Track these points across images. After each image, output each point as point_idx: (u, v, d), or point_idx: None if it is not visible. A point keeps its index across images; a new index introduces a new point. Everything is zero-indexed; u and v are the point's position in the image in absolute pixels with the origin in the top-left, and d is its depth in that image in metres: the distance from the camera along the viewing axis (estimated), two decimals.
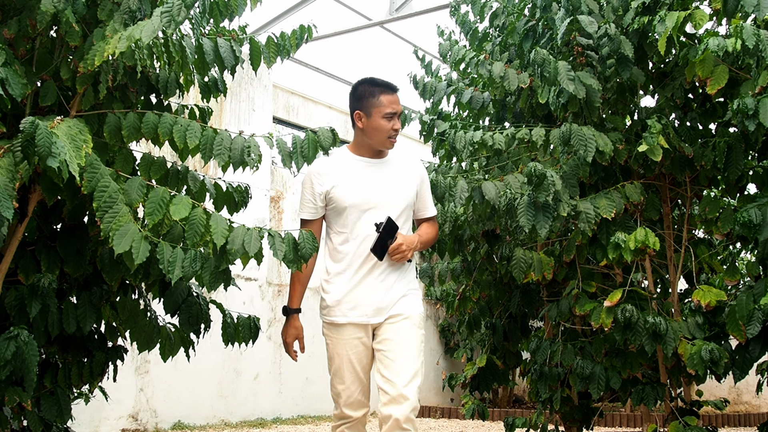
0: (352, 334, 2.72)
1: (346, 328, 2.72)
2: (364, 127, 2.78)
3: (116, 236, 2.36)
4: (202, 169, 6.33)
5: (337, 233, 2.78)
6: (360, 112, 2.78)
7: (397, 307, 2.73)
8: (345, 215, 2.74)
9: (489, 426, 7.30)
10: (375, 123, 2.75)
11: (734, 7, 2.83)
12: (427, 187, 2.96)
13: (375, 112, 2.75)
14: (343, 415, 2.74)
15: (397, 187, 2.81)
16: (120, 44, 2.31)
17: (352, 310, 2.71)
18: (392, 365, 2.65)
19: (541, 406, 3.80)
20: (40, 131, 2.09)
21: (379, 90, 2.77)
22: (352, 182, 2.76)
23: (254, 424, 6.75)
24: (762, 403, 7.73)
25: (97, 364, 2.92)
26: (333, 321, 2.74)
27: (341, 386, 2.72)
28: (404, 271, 2.78)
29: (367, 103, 2.77)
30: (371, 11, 7.07)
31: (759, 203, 2.82)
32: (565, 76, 3.15)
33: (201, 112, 3.12)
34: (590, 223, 3.12)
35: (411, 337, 2.71)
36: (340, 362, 2.72)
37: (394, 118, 2.76)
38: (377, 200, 2.75)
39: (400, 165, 2.88)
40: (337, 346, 2.73)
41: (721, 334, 3.17)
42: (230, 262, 2.61)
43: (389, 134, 2.76)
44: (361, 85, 2.83)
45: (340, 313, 2.73)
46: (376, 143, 2.79)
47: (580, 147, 3.10)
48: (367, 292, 2.71)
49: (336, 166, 2.80)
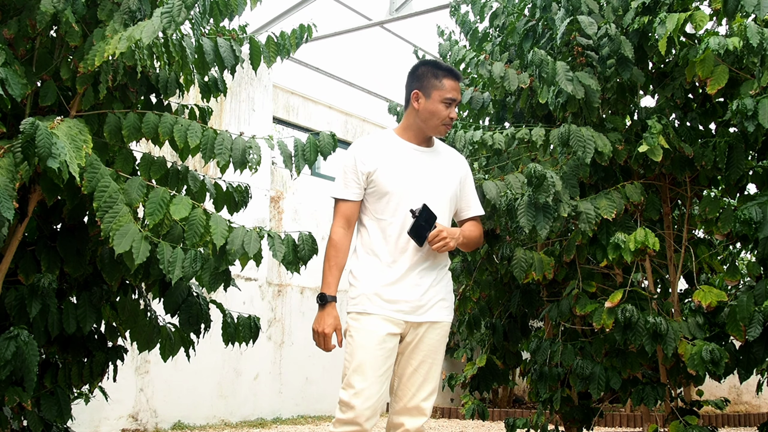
0: (384, 329, 2.49)
1: (378, 320, 2.49)
2: (420, 108, 2.61)
3: (116, 236, 2.36)
4: (202, 169, 6.32)
5: (375, 219, 2.58)
6: (419, 92, 2.61)
7: (434, 311, 2.57)
8: (386, 201, 2.56)
9: (489, 426, 7.30)
10: (433, 106, 2.59)
11: (734, 7, 2.83)
12: (472, 183, 2.79)
13: (435, 94, 2.59)
14: (354, 420, 2.41)
15: (442, 178, 2.65)
16: (120, 44, 2.31)
17: (389, 304, 2.51)
18: (416, 376, 2.53)
19: (541, 407, 3.80)
20: (41, 132, 2.09)
21: (443, 73, 2.62)
22: (396, 166, 2.59)
23: (254, 424, 6.75)
24: (762, 403, 7.73)
25: (97, 364, 2.92)
26: (365, 311, 2.50)
27: (362, 384, 2.42)
28: (443, 273, 2.64)
29: (428, 84, 2.61)
30: (371, 11, 7.07)
31: (759, 201, 2.82)
32: (564, 76, 3.15)
33: (201, 112, 3.12)
34: (591, 224, 3.12)
35: (440, 351, 2.59)
36: (365, 357, 2.45)
37: (452, 106, 2.61)
38: (420, 188, 2.58)
39: (447, 156, 2.73)
40: (365, 338, 2.47)
41: (722, 335, 3.17)
42: (230, 263, 2.62)
43: (444, 121, 2.61)
44: (424, 65, 2.67)
45: (373, 303, 2.51)
46: (428, 128, 2.63)
47: (579, 148, 3.10)
48: (407, 288, 2.53)
49: (381, 148, 2.62)
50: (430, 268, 2.58)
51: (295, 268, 2.81)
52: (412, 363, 2.54)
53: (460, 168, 2.74)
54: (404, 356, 2.55)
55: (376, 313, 2.50)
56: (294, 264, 2.80)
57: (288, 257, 2.77)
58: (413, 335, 2.55)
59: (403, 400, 2.53)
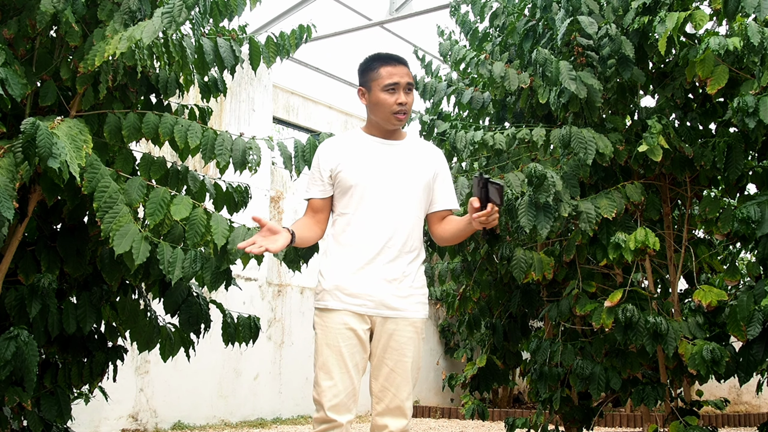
0: (347, 324, 2.44)
1: (340, 315, 2.45)
2: (368, 103, 2.57)
3: (116, 236, 2.36)
4: (202, 169, 6.32)
5: (341, 215, 2.55)
6: (362, 88, 2.58)
7: (402, 307, 2.50)
8: (350, 195, 2.52)
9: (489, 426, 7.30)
10: (375, 97, 2.53)
11: (735, 7, 2.83)
12: (448, 177, 2.68)
13: (374, 85, 2.53)
14: (326, 418, 2.40)
15: (408, 170, 2.57)
16: (120, 45, 2.31)
17: (351, 298, 2.45)
18: (393, 376, 2.48)
19: (541, 407, 3.80)
20: (41, 132, 2.09)
21: (379, 63, 2.55)
22: (359, 161, 2.54)
23: (254, 424, 6.75)
24: (762, 403, 7.73)
25: (97, 364, 2.92)
26: (326, 306, 2.47)
27: (328, 383, 2.41)
28: (413, 268, 2.54)
29: (367, 77, 2.56)
30: (371, 11, 7.07)
31: (758, 200, 2.82)
32: (567, 75, 3.15)
33: (201, 112, 3.12)
34: (591, 223, 3.12)
35: (416, 349, 2.52)
36: (329, 354, 2.43)
37: (398, 92, 2.52)
38: (384, 180, 2.53)
39: (418, 149, 2.65)
40: (328, 335, 2.44)
41: (722, 335, 3.18)
42: (231, 262, 2.62)
43: (393, 109, 2.51)
44: (364, 62, 2.64)
45: (335, 299, 2.46)
46: (381, 120, 2.56)
47: (580, 149, 3.10)
48: (370, 281, 2.47)
49: (345, 145, 2.59)
50: (397, 263, 2.50)
51: (296, 267, 2.81)
52: (388, 363, 2.49)
53: (433, 161, 2.65)
54: (377, 357, 2.50)
55: (338, 309, 2.45)
56: (295, 262, 2.81)
57: (289, 256, 2.77)
58: (381, 332, 2.49)
59: (384, 401, 2.48)
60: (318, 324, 2.49)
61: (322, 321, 2.48)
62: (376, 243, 2.48)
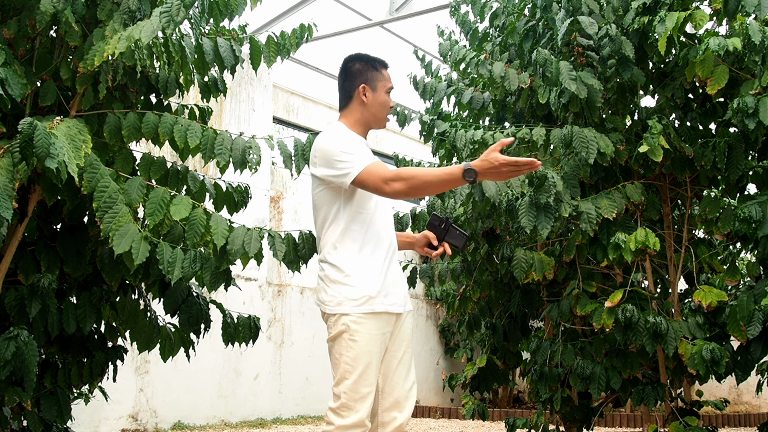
0: (385, 327, 2.44)
1: (381, 319, 2.43)
2: (369, 102, 2.60)
3: (116, 236, 2.36)
4: (202, 169, 6.32)
5: (358, 213, 2.50)
6: (366, 86, 2.61)
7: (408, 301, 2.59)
8: (368, 194, 2.50)
9: (489, 426, 7.30)
10: (381, 98, 2.62)
11: (735, 7, 2.83)
12: None
13: (380, 86, 2.62)
14: (360, 423, 2.37)
15: None
16: (120, 44, 2.31)
17: (387, 298, 2.45)
18: (399, 367, 2.52)
19: (542, 407, 3.80)
20: (39, 132, 2.09)
21: (380, 65, 2.68)
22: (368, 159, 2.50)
23: (254, 424, 6.75)
24: (762, 403, 7.73)
25: (97, 364, 2.92)
26: (373, 310, 2.40)
27: (368, 389, 2.37)
28: None
29: (371, 76, 2.63)
30: (371, 11, 7.07)
31: (759, 200, 2.82)
32: (567, 76, 3.15)
33: (201, 112, 3.12)
34: (592, 223, 3.12)
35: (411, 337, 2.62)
36: (370, 360, 2.38)
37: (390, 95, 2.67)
38: None
39: None
40: (370, 341, 2.39)
41: (722, 335, 3.17)
42: (231, 263, 2.62)
43: (389, 111, 2.65)
44: (359, 61, 2.68)
45: (379, 302, 2.43)
46: (376, 120, 2.63)
47: (582, 149, 3.10)
48: (396, 279, 2.53)
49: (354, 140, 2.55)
50: (396, 261, 2.59)
51: (296, 267, 2.81)
52: (396, 356, 2.52)
53: None
54: (388, 352, 2.51)
55: (381, 311, 2.43)
56: (295, 263, 2.80)
57: (289, 256, 2.77)
58: (396, 327, 2.53)
59: (393, 394, 2.50)
60: (357, 332, 2.39)
61: (362, 329, 2.40)
62: (390, 243, 2.57)
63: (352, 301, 2.41)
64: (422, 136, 4.28)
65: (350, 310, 2.41)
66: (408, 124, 4.32)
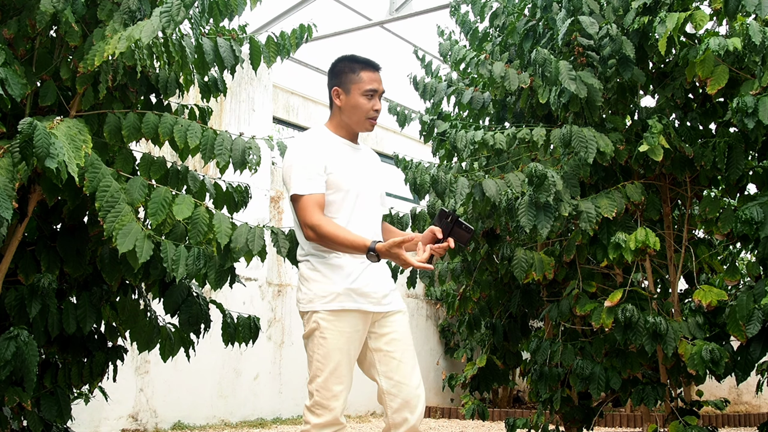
0: (356, 325, 2.45)
1: (352, 317, 2.44)
2: (342, 105, 2.56)
3: (119, 235, 2.36)
4: (202, 169, 6.32)
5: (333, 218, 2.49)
6: (338, 89, 2.57)
7: (394, 300, 2.56)
8: (342, 198, 2.50)
9: (489, 426, 7.30)
10: (354, 100, 2.54)
11: (735, 7, 2.83)
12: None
13: (354, 88, 2.54)
14: (334, 421, 2.42)
15: (378, 176, 2.66)
16: (120, 44, 2.31)
17: (361, 297, 2.45)
18: (402, 367, 2.50)
19: (542, 407, 3.80)
20: (38, 132, 2.09)
21: (360, 66, 2.57)
22: (345, 164, 2.53)
23: (254, 424, 6.75)
24: (762, 403, 7.73)
25: (97, 364, 2.92)
26: (342, 308, 2.42)
27: (339, 387, 2.41)
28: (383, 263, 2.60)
29: (345, 79, 2.56)
30: (371, 11, 7.07)
31: (760, 201, 2.82)
32: (567, 75, 3.15)
33: (201, 112, 3.12)
34: (592, 223, 3.12)
35: (410, 336, 2.60)
36: (341, 359, 2.41)
37: (375, 98, 2.56)
38: (366, 186, 2.57)
39: (372, 154, 2.72)
40: (340, 339, 2.42)
41: (722, 335, 3.18)
42: (234, 260, 2.62)
43: (369, 114, 2.55)
44: (341, 62, 2.62)
45: (349, 299, 2.44)
46: (354, 123, 2.58)
47: (581, 149, 3.10)
48: (374, 279, 2.50)
49: (326, 144, 2.54)
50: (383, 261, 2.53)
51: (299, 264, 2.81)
52: (395, 356, 2.51)
53: (382, 166, 2.76)
54: (382, 353, 2.51)
55: (351, 309, 2.44)
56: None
57: (292, 253, 2.78)
58: (383, 326, 2.52)
59: (400, 395, 2.49)
60: (326, 329, 2.42)
61: (332, 325, 2.43)
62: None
63: (322, 299, 2.45)
64: (422, 136, 4.28)
65: (320, 307, 2.44)
66: (408, 124, 4.32)
